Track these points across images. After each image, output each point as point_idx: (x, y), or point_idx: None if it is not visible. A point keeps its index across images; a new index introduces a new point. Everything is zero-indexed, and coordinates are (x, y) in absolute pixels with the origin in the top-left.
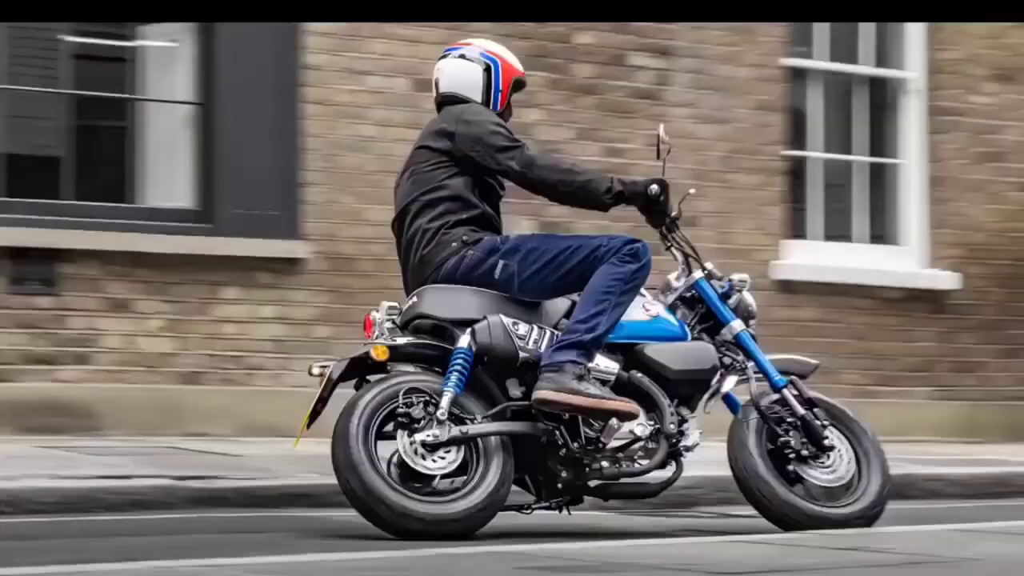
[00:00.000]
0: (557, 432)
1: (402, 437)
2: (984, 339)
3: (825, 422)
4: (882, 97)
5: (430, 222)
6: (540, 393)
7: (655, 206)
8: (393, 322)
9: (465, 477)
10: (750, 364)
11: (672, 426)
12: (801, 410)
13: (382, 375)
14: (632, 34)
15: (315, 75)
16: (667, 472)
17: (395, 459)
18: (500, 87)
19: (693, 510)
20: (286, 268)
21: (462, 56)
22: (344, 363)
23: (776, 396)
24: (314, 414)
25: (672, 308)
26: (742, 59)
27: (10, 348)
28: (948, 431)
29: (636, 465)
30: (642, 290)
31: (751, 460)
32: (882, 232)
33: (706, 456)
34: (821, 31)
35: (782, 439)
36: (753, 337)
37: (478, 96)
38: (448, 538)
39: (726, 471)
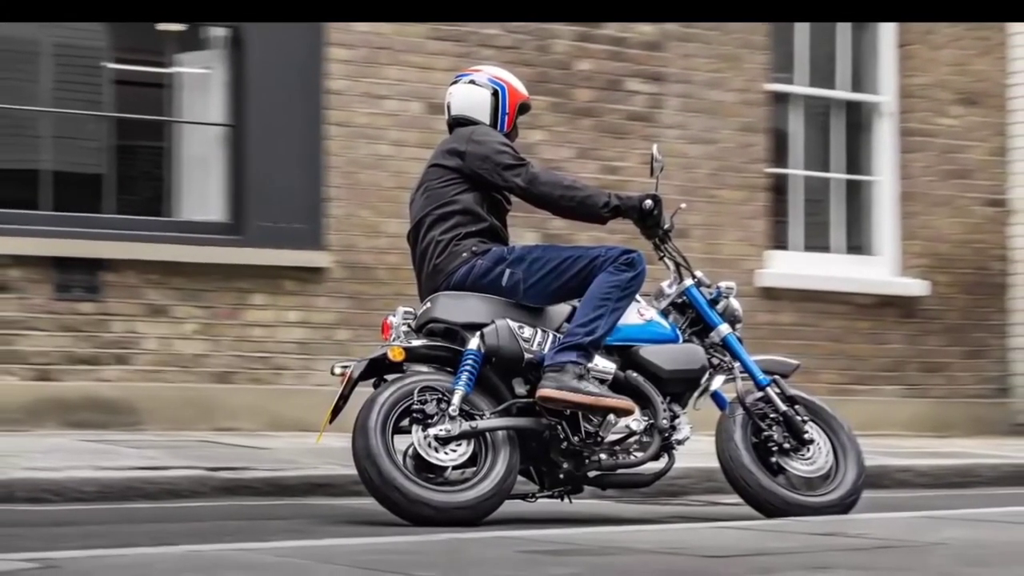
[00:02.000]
0: (559, 427)
1: (417, 431)
2: (950, 342)
3: (805, 417)
4: (857, 119)
5: (442, 234)
6: (543, 391)
7: (649, 219)
8: (408, 326)
9: (474, 468)
10: (736, 364)
11: (665, 421)
12: (783, 406)
13: (398, 374)
14: (627, 61)
15: (336, 99)
16: (660, 464)
17: (410, 451)
18: (507, 110)
19: (683, 498)
20: (310, 276)
21: (472, 82)
22: (363, 363)
23: (760, 394)
24: (336, 410)
25: (665, 313)
26: (728, 84)
27: (56, 350)
28: (917, 426)
29: (632, 457)
30: (637, 296)
31: (737, 452)
32: (857, 243)
33: (696, 449)
34: (801, 59)
35: (765, 433)
36: (739, 339)
37: (486, 118)
38: (458, 524)
39: (714, 463)
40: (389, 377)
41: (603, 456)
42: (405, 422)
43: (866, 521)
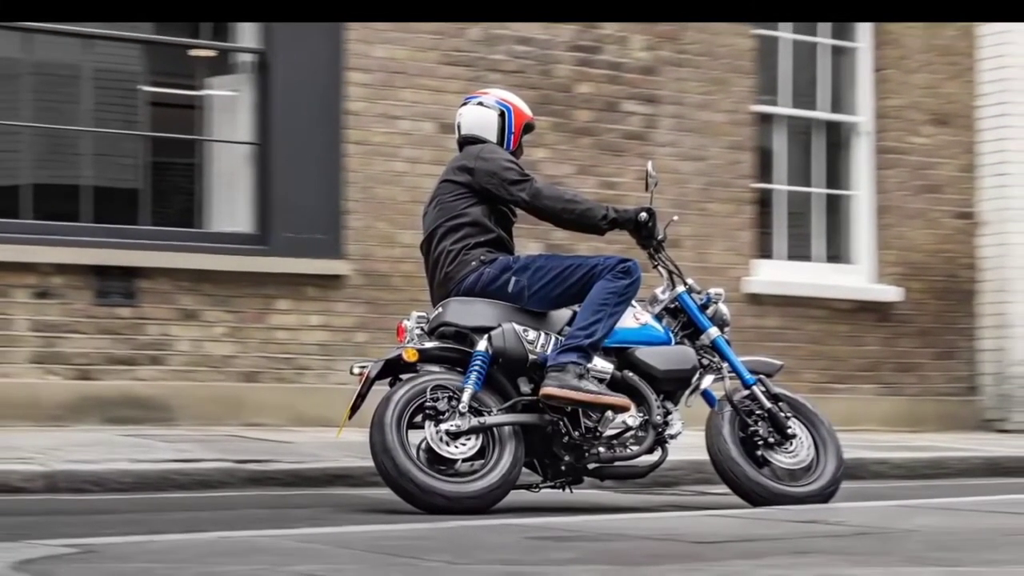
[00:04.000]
0: (561, 422)
1: (429, 427)
2: (922, 344)
3: (788, 414)
4: (836, 138)
5: (453, 244)
6: (546, 389)
7: (644, 231)
8: (422, 329)
9: (483, 461)
10: (725, 365)
11: (659, 417)
12: (768, 404)
13: (412, 374)
14: (624, 84)
15: (355, 119)
16: (654, 456)
17: (423, 445)
18: (513, 129)
19: (676, 489)
20: (330, 283)
21: (480, 103)
22: (380, 364)
23: (747, 392)
24: (354, 407)
25: (658, 317)
26: (717, 106)
27: (96, 351)
28: (892, 422)
29: (628, 450)
30: (633, 302)
31: (725, 446)
32: (836, 253)
33: (687, 443)
34: (785, 82)
35: (751, 428)
36: (727, 342)
37: (494, 137)
38: (468, 512)
39: (704, 456)
40: (404, 376)
41: (601, 449)
42: (419, 418)
43: (845, 510)
